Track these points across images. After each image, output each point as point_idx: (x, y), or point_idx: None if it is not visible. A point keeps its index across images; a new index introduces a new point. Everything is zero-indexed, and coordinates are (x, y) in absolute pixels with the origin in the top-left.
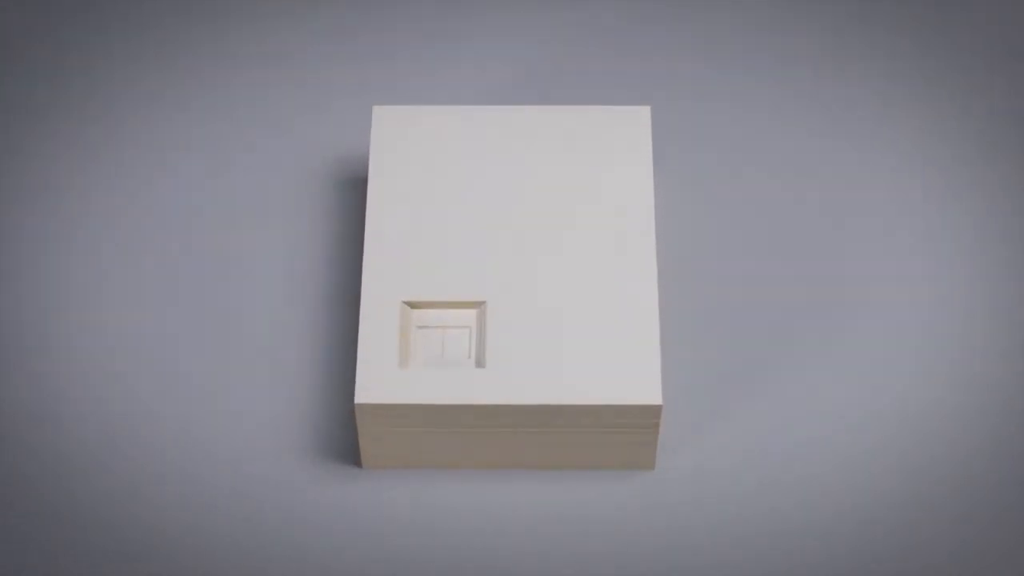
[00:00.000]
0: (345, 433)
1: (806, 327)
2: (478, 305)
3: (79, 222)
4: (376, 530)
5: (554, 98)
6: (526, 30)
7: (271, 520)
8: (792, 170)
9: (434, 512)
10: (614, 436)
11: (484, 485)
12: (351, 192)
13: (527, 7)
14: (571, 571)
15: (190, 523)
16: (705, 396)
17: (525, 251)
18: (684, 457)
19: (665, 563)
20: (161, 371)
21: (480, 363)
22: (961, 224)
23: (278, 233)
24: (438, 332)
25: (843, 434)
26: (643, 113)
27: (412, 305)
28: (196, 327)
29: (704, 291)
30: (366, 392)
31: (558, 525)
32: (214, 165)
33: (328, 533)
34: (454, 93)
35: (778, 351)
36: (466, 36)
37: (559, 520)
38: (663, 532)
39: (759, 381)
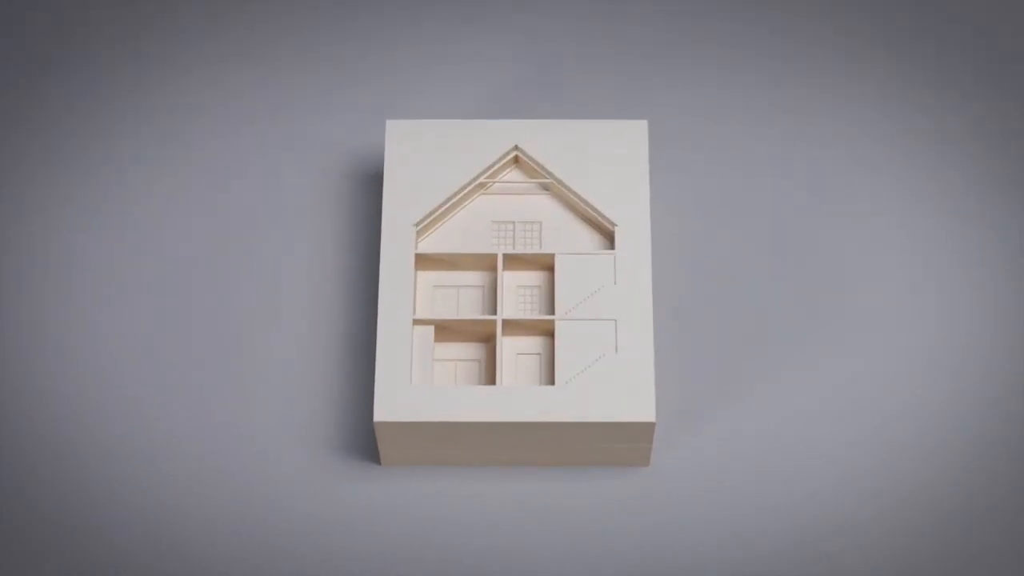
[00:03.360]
0: (366, 433)
1: (800, 332)
2: (489, 332)
3: (91, 227)
4: (393, 522)
5: (554, 112)
6: (527, 48)
7: (299, 513)
8: (790, 185)
9: (445, 505)
10: (611, 443)
11: (491, 481)
12: (368, 191)
13: (528, 27)
14: (572, 560)
15: (220, 516)
16: (699, 395)
17: (530, 270)
18: (678, 454)
19: (660, 553)
20: (184, 370)
21: (490, 381)
22: (957, 237)
23: (301, 233)
24: (450, 365)
25: (834, 433)
26: (640, 127)
27: (426, 324)
28: (222, 327)
29: (700, 301)
30: (384, 411)
31: (561, 517)
32: (229, 177)
33: (350, 525)
34: (461, 107)
35: (772, 353)
36: (471, 53)
37: (562, 512)
38: (658, 524)
39: (752, 381)
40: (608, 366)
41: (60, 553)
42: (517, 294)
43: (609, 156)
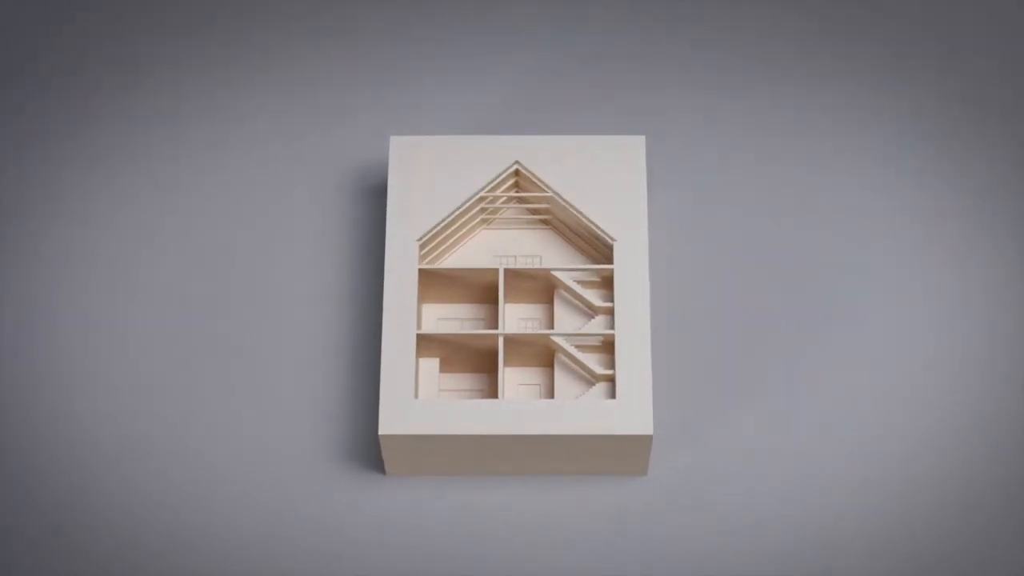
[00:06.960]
0: (371, 444)
1: (797, 344)
2: (491, 357)
3: (95, 242)
4: (398, 530)
5: (555, 128)
6: (528, 65)
7: (304, 521)
8: (788, 200)
9: (448, 513)
10: (610, 454)
11: (492, 490)
12: (372, 206)
13: (529, 45)
14: (571, 566)
15: (228, 524)
16: (697, 406)
17: (530, 303)
18: (675, 463)
19: (657, 559)
20: (191, 382)
21: (493, 395)
22: (956, 250)
23: (306, 248)
24: (454, 394)
25: (831, 445)
26: (638, 143)
27: (429, 340)
28: (229, 340)
29: (697, 315)
30: (389, 424)
31: (561, 524)
32: (234, 192)
33: (355, 532)
34: (463, 122)
35: (769, 365)
36: (473, 70)
37: (562, 520)
38: (655, 532)
39: (749, 393)
40: (606, 380)
41: (63, 558)
42: (519, 325)
43: (608, 171)
